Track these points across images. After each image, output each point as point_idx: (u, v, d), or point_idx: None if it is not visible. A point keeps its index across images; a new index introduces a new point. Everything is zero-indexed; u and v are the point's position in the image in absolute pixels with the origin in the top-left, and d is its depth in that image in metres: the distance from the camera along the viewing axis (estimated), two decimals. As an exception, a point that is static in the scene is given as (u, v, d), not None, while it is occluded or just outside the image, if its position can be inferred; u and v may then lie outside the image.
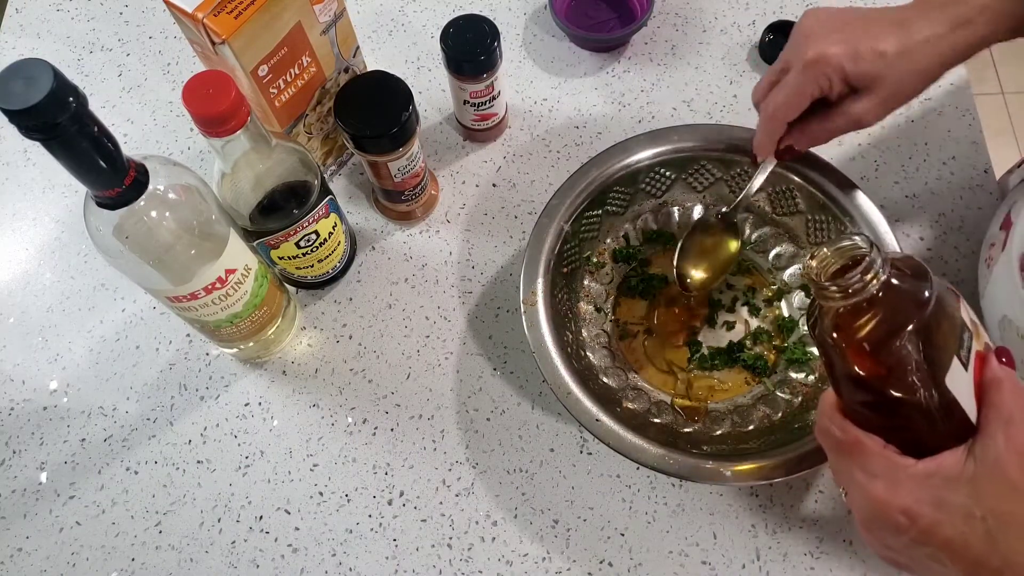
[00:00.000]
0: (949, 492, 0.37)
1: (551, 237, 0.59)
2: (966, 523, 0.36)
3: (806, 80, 0.51)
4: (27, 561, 0.57)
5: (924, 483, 0.38)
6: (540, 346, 0.55)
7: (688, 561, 0.56)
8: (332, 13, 0.58)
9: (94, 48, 0.78)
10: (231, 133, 0.46)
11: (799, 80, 0.51)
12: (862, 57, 0.49)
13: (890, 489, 0.38)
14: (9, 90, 0.34)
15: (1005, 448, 0.37)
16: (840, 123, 0.52)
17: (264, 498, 0.59)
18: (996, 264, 0.55)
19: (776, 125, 0.54)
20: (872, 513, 0.39)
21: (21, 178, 0.72)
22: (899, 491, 0.38)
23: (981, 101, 1.72)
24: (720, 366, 0.61)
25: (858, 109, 0.51)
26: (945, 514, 0.37)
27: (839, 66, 0.49)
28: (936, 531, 0.37)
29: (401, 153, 0.59)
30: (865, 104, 0.51)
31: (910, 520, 0.37)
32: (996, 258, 0.55)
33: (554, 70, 0.75)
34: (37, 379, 0.64)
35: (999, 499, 0.36)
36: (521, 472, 0.59)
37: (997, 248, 0.55)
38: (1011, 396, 0.38)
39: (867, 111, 0.51)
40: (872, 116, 0.51)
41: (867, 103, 0.51)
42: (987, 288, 0.56)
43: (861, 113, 0.51)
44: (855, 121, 0.52)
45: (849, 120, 0.52)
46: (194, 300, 0.50)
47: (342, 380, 0.63)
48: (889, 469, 0.39)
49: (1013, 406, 0.38)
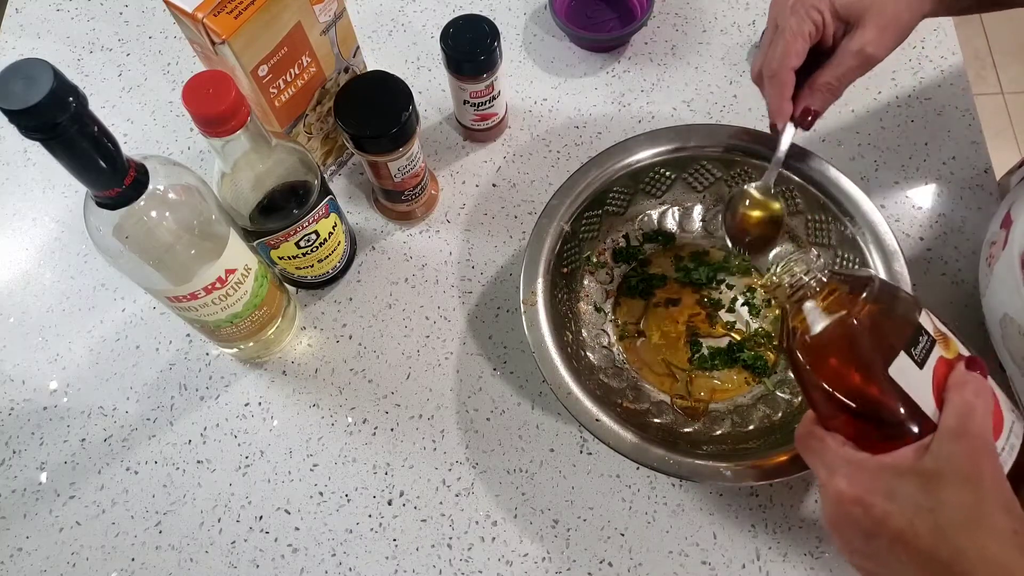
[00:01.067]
0: (901, 483, 0.38)
1: (551, 237, 0.59)
2: (916, 514, 0.36)
3: (798, 19, 0.50)
4: (27, 561, 0.57)
5: (877, 475, 0.39)
6: (540, 346, 0.55)
7: (688, 561, 0.56)
8: (332, 13, 0.58)
9: (94, 48, 0.78)
10: (231, 133, 0.46)
11: (791, 22, 0.50)
12: None
13: (845, 482, 0.39)
14: (9, 90, 0.34)
15: (959, 442, 0.37)
16: (848, 63, 0.51)
17: (264, 498, 0.59)
18: (997, 262, 0.55)
19: (783, 79, 0.52)
20: (832, 509, 0.40)
21: (21, 178, 0.72)
22: (853, 483, 0.39)
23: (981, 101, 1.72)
24: (720, 366, 0.61)
25: (859, 42, 0.50)
26: (896, 505, 0.37)
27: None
28: (887, 521, 0.37)
29: (401, 153, 0.59)
30: (864, 35, 0.50)
31: (863, 510, 0.38)
32: (997, 256, 0.55)
33: (554, 70, 0.75)
34: (37, 379, 0.64)
35: (949, 491, 0.36)
36: (521, 472, 0.59)
37: (998, 247, 0.55)
38: (972, 395, 0.39)
39: (869, 42, 0.50)
40: (875, 46, 0.50)
41: (866, 33, 0.50)
42: (988, 287, 0.56)
43: (863, 44, 0.50)
44: (860, 56, 0.50)
45: (855, 56, 0.50)
46: (194, 300, 0.50)
47: (342, 380, 0.63)
48: (846, 463, 0.40)
49: (973, 404, 0.39)
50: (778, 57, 0.51)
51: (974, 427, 0.38)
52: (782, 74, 0.52)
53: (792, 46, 0.51)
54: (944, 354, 0.41)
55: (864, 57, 0.51)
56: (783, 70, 0.52)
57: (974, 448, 0.37)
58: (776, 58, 0.52)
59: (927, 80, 0.72)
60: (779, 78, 0.52)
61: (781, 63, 0.51)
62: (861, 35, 0.50)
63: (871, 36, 0.50)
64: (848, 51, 0.51)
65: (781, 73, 0.52)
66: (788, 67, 0.52)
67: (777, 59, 0.52)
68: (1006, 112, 1.73)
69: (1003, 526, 0.35)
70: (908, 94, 0.72)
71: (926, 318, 0.42)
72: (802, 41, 0.51)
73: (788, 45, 0.51)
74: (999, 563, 0.35)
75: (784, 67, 0.52)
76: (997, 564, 0.35)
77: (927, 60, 0.73)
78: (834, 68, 0.51)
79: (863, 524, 0.38)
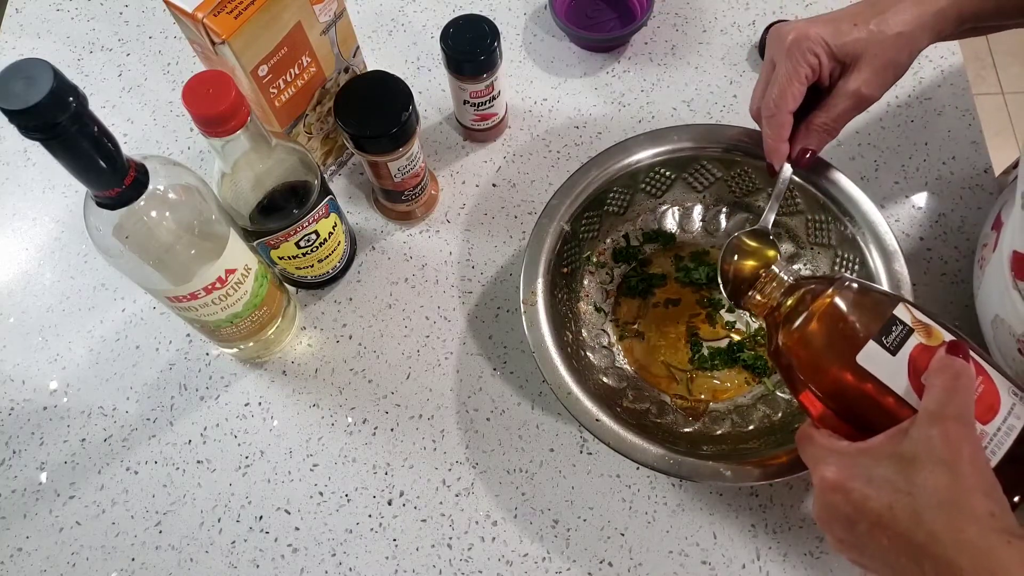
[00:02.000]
0: (879, 467, 0.38)
1: (551, 237, 0.59)
2: (894, 497, 0.37)
3: (794, 62, 0.51)
4: (27, 561, 0.57)
5: (856, 460, 0.39)
6: (540, 346, 0.55)
7: (688, 561, 0.56)
8: (332, 13, 0.58)
9: (94, 48, 0.78)
10: (231, 133, 0.46)
11: (787, 65, 0.51)
12: (842, 31, 0.50)
13: (829, 470, 0.40)
14: (9, 90, 0.34)
15: (936, 426, 0.38)
16: (843, 105, 0.52)
17: (264, 498, 0.59)
18: (988, 264, 0.55)
19: (780, 121, 0.53)
20: (818, 499, 0.41)
21: (21, 178, 0.72)
22: (836, 470, 0.40)
23: (981, 101, 1.72)
24: (720, 366, 0.61)
25: (854, 83, 0.51)
26: (873, 488, 0.38)
27: (821, 40, 0.50)
28: (866, 505, 0.38)
29: (401, 153, 0.59)
30: (860, 76, 0.51)
31: (843, 496, 0.39)
32: (988, 259, 0.55)
33: (554, 70, 0.75)
34: (37, 379, 0.64)
35: (925, 474, 0.36)
36: (521, 472, 0.59)
37: (989, 248, 0.55)
38: (951, 379, 0.39)
39: (863, 83, 0.51)
40: (870, 88, 0.51)
41: (861, 75, 0.51)
42: (980, 288, 0.56)
43: (858, 86, 0.51)
44: (856, 97, 0.51)
45: (850, 97, 0.51)
46: (194, 300, 0.50)
47: (342, 380, 0.63)
48: (830, 453, 0.41)
49: (952, 387, 0.39)
50: (775, 99, 0.52)
51: (952, 410, 0.38)
52: (779, 116, 0.53)
53: (788, 89, 0.52)
54: (925, 342, 0.42)
55: (860, 98, 0.51)
56: (780, 112, 0.53)
57: (951, 431, 0.37)
58: (773, 98, 0.52)
59: (927, 80, 0.72)
60: (776, 120, 0.53)
61: (778, 105, 0.52)
62: (857, 76, 0.51)
63: (866, 77, 0.51)
64: (844, 92, 0.51)
65: (778, 115, 0.53)
66: (785, 110, 0.52)
67: (774, 101, 0.52)
68: (1006, 112, 1.73)
69: (981, 509, 0.35)
70: (908, 94, 0.72)
71: (904, 310, 0.44)
72: (798, 84, 0.51)
73: (784, 88, 0.52)
74: (976, 546, 0.34)
75: (781, 110, 0.52)
76: (974, 547, 0.34)
77: (927, 60, 0.73)
78: (830, 109, 0.52)
79: (844, 510, 0.39)
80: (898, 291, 0.55)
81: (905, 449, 0.38)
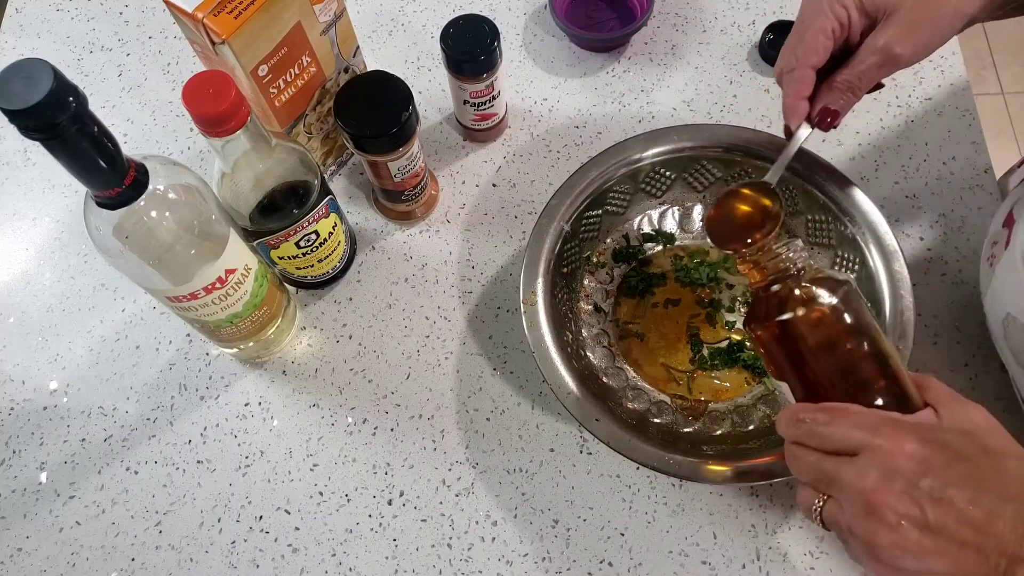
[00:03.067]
0: (945, 435, 0.37)
1: (551, 237, 0.59)
2: (967, 461, 0.36)
3: (821, 17, 0.47)
4: (27, 561, 0.57)
5: (920, 428, 0.38)
6: (540, 346, 0.55)
7: (688, 561, 0.56)
8: (332, 13, 0.58)
9: (94, 48, 0.78)
10: (231, 133, 0.46)
11: (814, 20, 0.47)
12: None
13: (892, 439, 0.37)
14: (9, 90, 0.34)
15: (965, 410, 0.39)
16: (869, 61, 0.47)
17: (264, 498, 0.59)
18: (999, 262, 0.54)
19: (800, 76, 0.49)
20: (879, 474, 0.36)
21: (21, 178, 0.72)
22: (901, 437, 0.37)
23: (981, 101, 1.72)
24: (720, 366, 0.61)
25: (883, 38, 0.46)
26: (948, 455, 0.36)
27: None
28: (950, 469, 0.36)
29: (401, 153, 0.59)
30: (889, 31, 0.46)
31: (921, 466, 0.36)
32: (999, 256, 0.55)
33: (554, 70, 0.75)
34: (37, 379, 0.64)
35: (985, 437, 0.37)
36: (521, 472, 0.59)
37: (1000, 246, 0.55)
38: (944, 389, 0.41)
39: (894, 38, 0.46)
40: (901, 45, 0.46)
41: (892, 29, 0.46)
42: (990, 286, 0.56)
43: (888, 41, 0.46)
44: (884, 53, 0.47)
45: (876, 53, 0.47)
46: (194, 300, 0.50)
47: (342, 380, 0.63)
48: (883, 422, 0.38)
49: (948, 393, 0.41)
50: (798, 53, 0.48)
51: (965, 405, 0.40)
52: (800, 70, 0.49)
53: (813, 42, 0.48)
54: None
55: (886, 55, 0.47)
56: (801, 67, 0.49)
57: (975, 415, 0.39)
58: (795, 54, 0.49)
59: (927, 80, 0.72)
60: (796, 74, 0.49)
61: (800, 60, 0.48)
62: (886, 31, 0.46)
63: (897, 32, 0.46)
64: (871, 47, 0.47)
65: (799, 69, 0.49)
66: (807, 64, 0.49)
67: (796, 55, 0.49)
68: (1006, 112, 1.73)
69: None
70: (908, 94, 0.72)
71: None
72: (824, 38, 0.48)
73: (809, 41, 0.48)
74: None
75: (803, 64, 0.49)
76: None
77: (927, 60, 0.73)
78: (855, 65, 0.48)
79: (923, 481, 0.36)
80: (898, 291, 0.55)
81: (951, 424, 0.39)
